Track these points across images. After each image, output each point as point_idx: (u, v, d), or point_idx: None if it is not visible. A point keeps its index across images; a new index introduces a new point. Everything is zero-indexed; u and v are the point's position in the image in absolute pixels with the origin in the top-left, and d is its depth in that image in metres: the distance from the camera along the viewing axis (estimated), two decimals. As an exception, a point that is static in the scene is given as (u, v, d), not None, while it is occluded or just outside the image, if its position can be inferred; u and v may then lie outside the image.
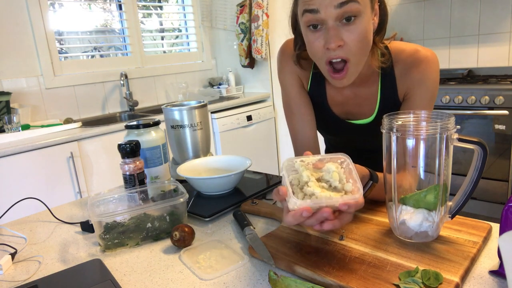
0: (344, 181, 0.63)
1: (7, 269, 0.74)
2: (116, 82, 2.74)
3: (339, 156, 0.67)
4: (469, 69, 2.78)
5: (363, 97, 0.96)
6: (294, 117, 1.02)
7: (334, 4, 0.74)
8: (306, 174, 0.63)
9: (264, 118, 2.95)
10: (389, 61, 0.90)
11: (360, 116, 0.99)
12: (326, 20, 0.77)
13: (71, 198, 2.03)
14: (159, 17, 3.31)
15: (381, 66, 0.90)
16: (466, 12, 2.77)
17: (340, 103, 0.99)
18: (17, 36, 2.29)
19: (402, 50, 0.91)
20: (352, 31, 0.77)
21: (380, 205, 0.84)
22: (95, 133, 2.10)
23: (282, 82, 1.03)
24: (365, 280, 0.57)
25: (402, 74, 0.91)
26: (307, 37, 0.82)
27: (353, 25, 0.77)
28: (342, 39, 0.77)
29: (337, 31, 0.77)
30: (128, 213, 0.80)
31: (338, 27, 0.77)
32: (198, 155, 1.16)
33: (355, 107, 0.98)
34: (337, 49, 0.78)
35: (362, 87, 0.94)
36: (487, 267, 0.61)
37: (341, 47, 0.78)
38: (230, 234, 0.81)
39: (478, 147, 0.64)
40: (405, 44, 0.92)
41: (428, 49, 0.90)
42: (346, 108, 0.99)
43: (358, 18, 0.76)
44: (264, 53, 2.89)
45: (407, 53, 0.90)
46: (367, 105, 0.96)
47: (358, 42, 0.78)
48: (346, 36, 0.77)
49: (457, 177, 1.90)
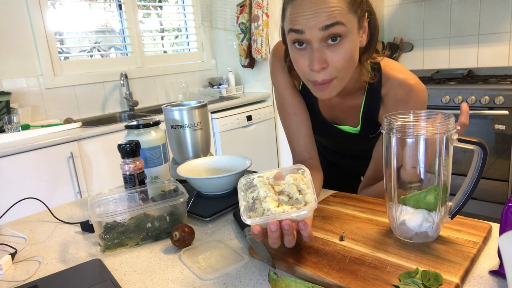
0: (306, 191, 0.66)
1: (7, 269, 0.74)
2: (116, 82, 2.74)
3: (298, 166, 0.71)
4: (469, 69, 2.78)
5: (348, 106, 0.97)
6: (289, 117, 1.02)
7: (319, 27, 0.74)
8: (263, 190, 0.67)
9: (264, 118, 2.95)
10: (377, 77, 0.89)
11: (346, 122, 1.00)
12: (311, 40, 0.76)
13: (71, 198, 2.03)
14: (159, 17, 3.31)
15: (369, 82, 0.90)
16: (466, 12, 2.77)
17: (329, 108, 1.00)
18: (17, 36, 2.29)
19: (394, 75, 0.89)
20: (337, 51, 0.76)
21: (380, 205, 0.84)
22: (95, 133, 2.10)
23: (276, 83, 1.03)
24: (365, 281, 0.57)
25: (388, 96, 0.90)
26: (293, 53, 0.82)
27: (338, 45, 0.76)
28: (325, 61, 0.77)
29: (321, 53, 0.76)
30: (128, 213, 0.80)
31: (322, 48, 0.76)
32: (198, 155, 1.16)
33: (341, 113, 0.99)
34: (321, 71, 0.78)
35: (347, 97, 0.95)
36: (487, 267, 0.61)
37: (325, 69, 0.78)
38: (230, 234, 0.81)
39: (478, 147, 0.64)
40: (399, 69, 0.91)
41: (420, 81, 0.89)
42: (333, 112, 1.00)
43: (343, 39, 0.76)
44: (264, 53, 2.88)
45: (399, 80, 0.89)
46: (352, 114, 0.97)
47: (343, 62, 0.77)
48: (330, 57, 0.77)
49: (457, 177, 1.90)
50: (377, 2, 3.04)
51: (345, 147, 1.11)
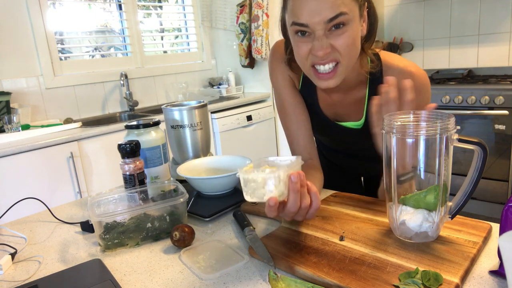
0: None
1: (7, 269, 0.74)
2: (116, 82, 2.74)
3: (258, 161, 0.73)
4: (469, 69, 2.78)
5: (351, 101, 0.97)
6: (288, 117, 1.02)
7: (324, 20, 0.76)
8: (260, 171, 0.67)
9: (264, 118, 2.95)
10: (378, 66, 0.90)
11: (349, 118, 0.99)
12: (314, 31, 0.78)
13: (71, 198, 2.03)
14: (159, 17, 3.31)
15: (370, 71, 0.90)
16: (466, 12, 2.77)
17: (330, 105, 1.00)
18: (17, 36, 2.29)
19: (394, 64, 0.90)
20: (341, 37, 0.78)
21: (380, 205, 0.84)
22: (95, 133, 2.10)
23: (275, 83, 1.03)
24: (365, 281, 0.57)
25: None
26: (295, 41, 0.83)
27: (341, 31, 0.78)
28: (329, 46, 0.78)
29: (326, 39, 0.78)
30: (128, 213, 0.80)
31: (326, 35, 0.78)
32: (198, 155, 1.16)
33: (344, 109, 0.99)
34: (325, 56, 0.79)
35: (350, 91, 0.95)
36: (487, 267, 0.61)
37: (329, 54, 0.79)
38: (230, 234, 0.81)
39: (478, 147, 0.64)
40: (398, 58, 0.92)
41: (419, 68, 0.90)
42: (335, 109, 1.00)
43: (346, 26, 0.77)
44: (264, 53, 2.88)
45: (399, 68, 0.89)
46: (355, 109, 0.97)
47: (346, 47, 0.79)
48: (334, 41, 0.78)
49: (457, 177, 1.90)
50: (377, 2, 3.04)
51: (346, 145, 1.11)
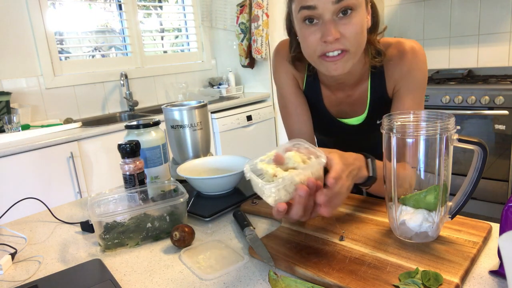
0: (308, 161, 0.66)
1: (7, 269, 0.74)
2: (116, 82, 2.74)
3: (293, 142, 0.69)
4: (469, 69, 2.78)
5: (355, 97, 0.97)
6: (290, 117, 1.02)
7: (332, 0, 0.76)
8: (271, 167, 0.65)
9: (264, 118, 2.95)
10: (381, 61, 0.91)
11: (353, 114, 1.00)
12: (323, 14, 0.78)
13: (71, 198, 2.03)
14: (159, 17, 3.31)
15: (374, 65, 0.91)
16: (466, 12, 2.77)
17: (334, 103, 1.00)
18: (17, 36, 2.29)
19: (388, 44, 0.92)
20: (349, 23, 0.78)
21: (380, 205, 0.84)
22: (95, 133, 2.10)
23: (278, 82, 1.03)
24: (365, 281, 0.57)
25: (390, 68, 0.92)
26: (302, 32, 0.82)
27: (349, 18, 0.78)
28: (339, 32, 0.78)
29: (334, 25, 0.78)
30: (128, 213, 0.80)
31: (335, 21, 0.78)
32: (198, 155, 1.16)
33: (349, 106, 0.99)
34: (334, 42, 0.79)
35: (354, 87, 0.95)
36: (487, 267, 0.61)
37: (338, 40, 0.79)
38: (230, 234, 0.81)
39: (478, 147, 0.64)
40: (389, 38, 0.93)
41: (412, 40, 0.91)
42: (340, 107, 1.00)
43: (354, 12, 0.78)
44: (264, 53, 2.88)
45: (392, 47, 0.91)
46: (359, 104, 0.98)
47: (355, 34, 0.79)
48: (343, 29, 0.78)
49: (457, 177, 1.90)
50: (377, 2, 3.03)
51: (348, 143, 1.11)
